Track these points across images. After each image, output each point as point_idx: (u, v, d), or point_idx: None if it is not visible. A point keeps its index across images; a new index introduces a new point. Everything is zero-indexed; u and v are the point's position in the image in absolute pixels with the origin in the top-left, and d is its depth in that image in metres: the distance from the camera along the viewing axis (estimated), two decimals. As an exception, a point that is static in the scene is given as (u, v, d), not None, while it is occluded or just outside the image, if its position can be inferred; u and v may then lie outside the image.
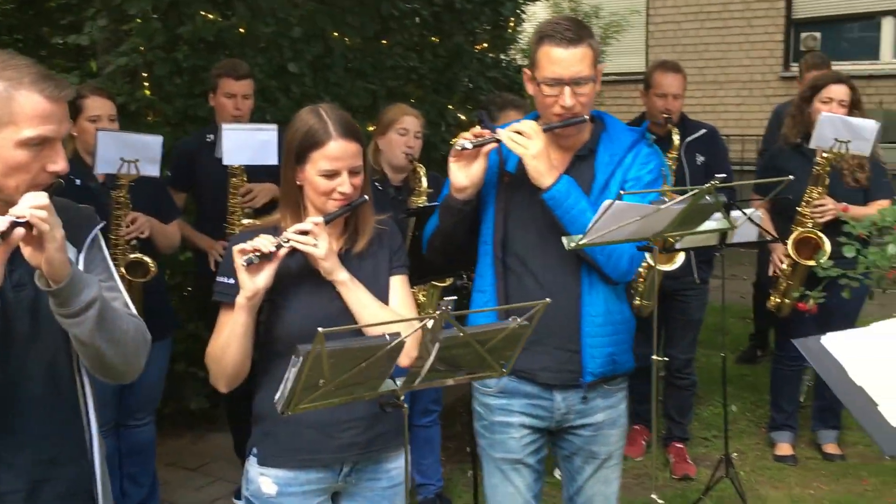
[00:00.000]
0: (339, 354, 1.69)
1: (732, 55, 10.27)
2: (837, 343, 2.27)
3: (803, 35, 9.87)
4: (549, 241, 2.53)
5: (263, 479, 2.31)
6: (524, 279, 2.58)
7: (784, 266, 4.42)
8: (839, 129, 4.14)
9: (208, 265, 4.03)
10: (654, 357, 2.75)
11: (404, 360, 2.00)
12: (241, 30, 5.07)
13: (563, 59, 2.44)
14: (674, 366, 4.62)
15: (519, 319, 1.89)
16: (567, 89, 2.45)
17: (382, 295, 2.36)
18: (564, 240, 2.37)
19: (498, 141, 2.48)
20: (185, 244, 4.24)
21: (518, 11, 7.12)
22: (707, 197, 2.25)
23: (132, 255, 3.52)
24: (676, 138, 4.36)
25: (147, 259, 3.56)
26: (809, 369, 5.08)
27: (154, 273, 3.57)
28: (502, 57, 7.19)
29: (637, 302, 4.45)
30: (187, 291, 4.95)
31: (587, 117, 2.52)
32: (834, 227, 4.18)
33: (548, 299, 1.88)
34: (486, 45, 6.89)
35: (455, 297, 1.71)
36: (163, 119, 4.84)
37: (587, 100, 2.50)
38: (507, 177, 2.60)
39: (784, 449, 4.76)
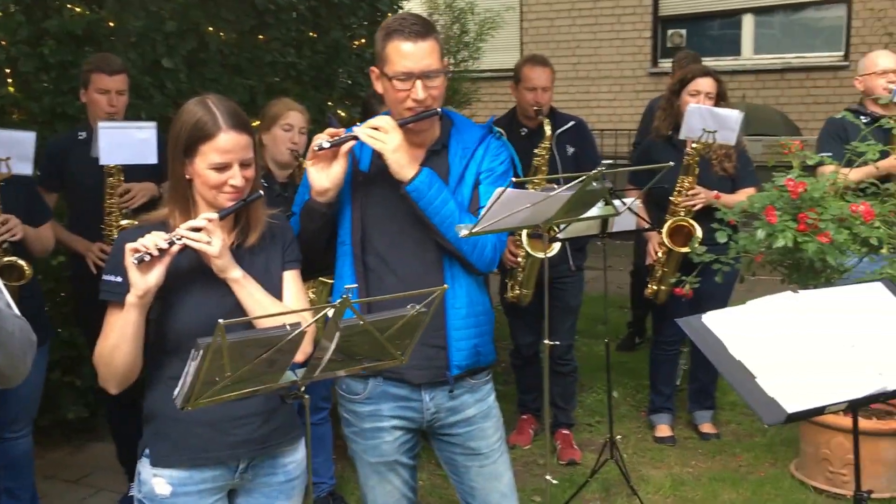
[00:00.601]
0: (239, 346, 1.66)
1: (603, 52, 10.57)
2: (717, 321, 2.38)
3: (670, 32, 10.27)
4: (409, 237, 2.54)
5: (157, 479, 2.25)
6: (385, 277, 2.57)
7: (659, 254, 4.59)
8: (707, 119, 4.33)
9: (84, 268, 3.88)
10: (546, 342, 2.80)
11: (299, 355, 1.98)
12: (111, 23, 4.89)
13: (412, 53, 2.45)
14: (555, 353, 4.72)
15: (417, 306, 1.90)
16: (419, 83, 2.46)
17: (276, 290, 2.33)
18: (457, 228, 2.39)
19: (356, 138, 2.48)
20: (58, 247, 4.06)
21: (395, 7, 7.11)
22: (594, 183, 2.32)
23: (5, 259, 3.36)
24: (548, 129, 4.48)
25: (22, 262, 3.40)
26: (685, 353, 5.31)
27: (29, 276, 3.42)
28: (381, 53, 7.15)
29: (517, 291, 4.56)
30: (60, 297, 4.74)
31: (439, 110, 2.55)
32: (705, 215, 4.39)
33: (446, 285, 1.90)
34: (364, 40, 6.87)
35: (356, 286, 1.71)
36: (30, 117, 4.61)
37: (438, 93, 2.52)
38: (362, 176, 2.58)
39: (663, 430, 4.95)
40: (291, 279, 2.39)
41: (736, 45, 9.95)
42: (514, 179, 2.36)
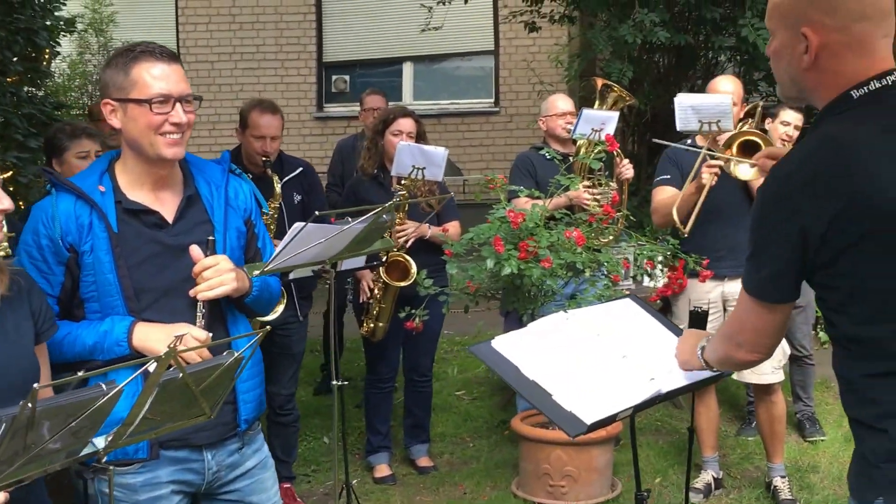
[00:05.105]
0: (48, 414, 1.35)
1: (268, 96, 10.37)
2: (506, 345, 2.42)
3: (334, 78, 10.43)
4: (183, 289, 2.32)
5: None
6: None
7: (375, 291, 4.59)
8: (416, 156, 4.45)
9: None
10: (334, 382, 2.66)
11: None
12: None
13: (169, 75, 2.31)
14: (276, 403, 4.54)
15: (236, 353, 1.69)
16: (178, 105, 2.31)
17: (24, 353, 1.97)
18: (247, 267, 2.20)
19: None
20: None
21: (52, 43, 6.53)
22: (385, 216, 2.26)
23: None
24: (278, 187, 4.35)
25: None
26: (398, 391, 5.33)
27: None
28: (37, 92, 6.55)
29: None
30: None
31: None
32: (416, 250, 4.49)
33: (268, 327, 1.72)
34: (17, 78, 6.22)
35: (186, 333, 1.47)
36: None
37: (193, 119, 2.37)
38: (116, 238, 2.30)
39: (383, 470, 4.89)
40: (45, 350, 2.09)
41: (398, 92, 10.32)
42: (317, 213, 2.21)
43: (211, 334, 2.25)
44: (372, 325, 4.65)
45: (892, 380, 1.72)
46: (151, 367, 1.48)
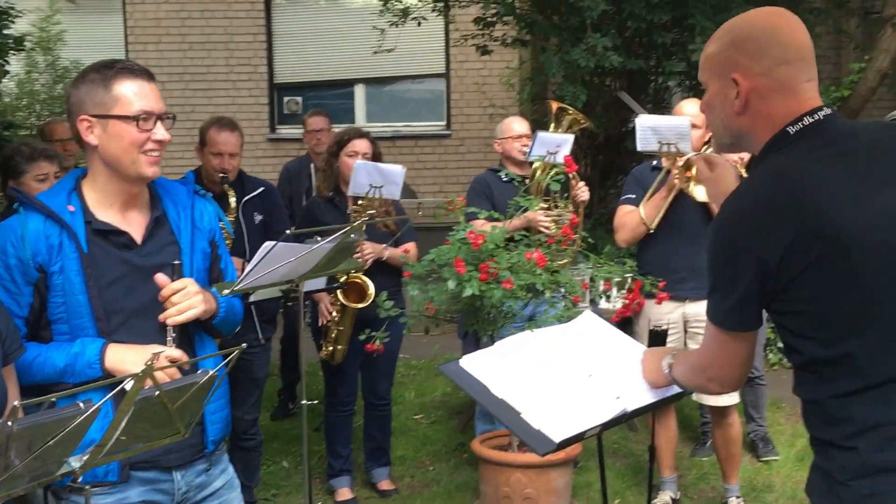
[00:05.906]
0: (29, 432, 1.33)
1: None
2: (474, 364, 2.43)
3: (286, 99, 10.38)
4: (152, 311, 2.31)
5: None
6: None
7: (334, 313, 4.56)
8: (373, 175, 4.44)
9: None
10: (304, 402, 2.64)
11: None
12: None
13: (150, 93, 2.31)
14: (239, 428, 4.47)
15: (211, 371, 1.68)
16: (159, 123, 2.31)
17: None
18: (216, 287, 2.19)
19: None
20: None
21: (2, 62, 6.44)
22: (353, 235, 2.26)
23: None
24: (233, 201, 4.32)
25: None
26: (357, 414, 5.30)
27: None
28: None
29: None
30: None
31: None
32: (372, 272, 4.48)
33: (244, 345, 1.71)
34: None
35: (164, 350, 1.45)
36: None
37: (169, 139, 2.35)
38: (86, 259, 2.28)
39: (344, 494, 4.84)
40: (14, 371, 2.06)
41: (350, 114, 10.31)
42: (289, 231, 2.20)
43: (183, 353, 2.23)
44: (331, 348, 4.61)
45: (865, 396, 1.76)
46: (128, 385, 1.46)
